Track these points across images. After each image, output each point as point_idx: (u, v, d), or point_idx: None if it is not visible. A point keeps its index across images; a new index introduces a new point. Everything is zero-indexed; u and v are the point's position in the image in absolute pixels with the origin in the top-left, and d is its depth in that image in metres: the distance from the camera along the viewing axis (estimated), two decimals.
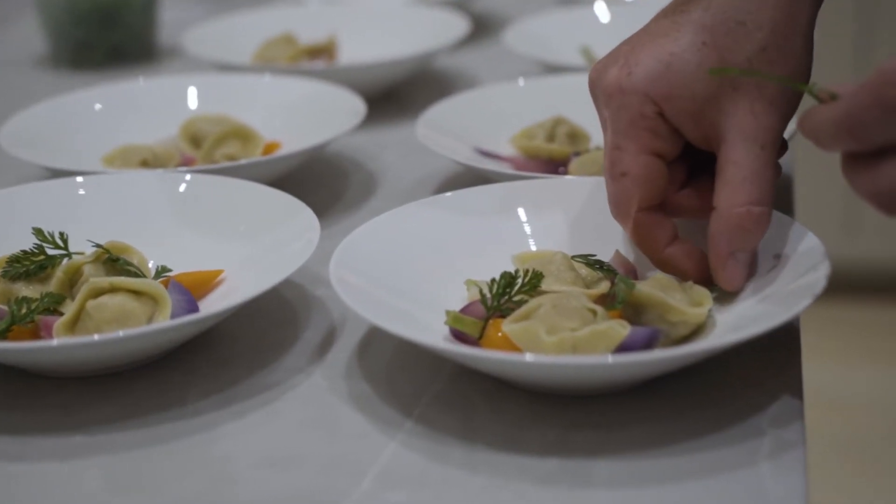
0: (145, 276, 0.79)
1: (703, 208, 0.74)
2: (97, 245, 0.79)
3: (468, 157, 0.98)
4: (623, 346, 0.68)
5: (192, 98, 1.13)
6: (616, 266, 0.77)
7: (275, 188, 0.86)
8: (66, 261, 0.79)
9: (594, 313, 0.70)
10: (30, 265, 0.78)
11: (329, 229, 0.90)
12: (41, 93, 1.18)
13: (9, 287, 0.78)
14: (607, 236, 0.79)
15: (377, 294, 0.74)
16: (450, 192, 0.84)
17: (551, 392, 0.70)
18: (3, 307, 0.76)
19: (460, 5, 1.48)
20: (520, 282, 0.73)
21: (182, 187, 0.89)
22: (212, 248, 0.84)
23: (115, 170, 0.98)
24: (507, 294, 0.73)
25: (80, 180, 0.90)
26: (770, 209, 0.71)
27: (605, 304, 0.72)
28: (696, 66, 0.71)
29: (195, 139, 1.04)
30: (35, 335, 0.75)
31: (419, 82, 1.28)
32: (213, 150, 1.01)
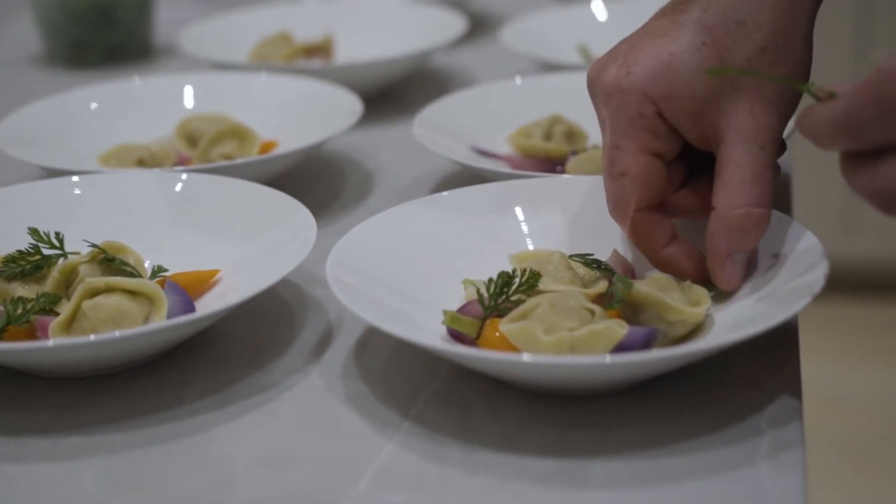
0: (141, 276, 0.79)
1: (702, 208, 0.74)
2: (93, 245, 0.79)
3: (465, 156, 0.98)
4: (621, 345, 0.68)
5: (189, 97, 1.13)
6: (614, 265, 0.77)
7: (271, 187, 0.86)
8: (61, 261, 0.79)
9: (592, 313, 0.69)
10: (25, 265, 0.78)
11: (326, 229, 0.89)
12: (37, 92, 1.18)
13: (4, 287, 0.78)
14: (605, 235, 0.79)
15: (374, 294, 0.73)
16: (447, 192, 0.84)
17: (549, 392, 0.70)
18: None
19: (457, 4, 1.48)
20: (517, 281, 0.73)
21: (178, 187, 0.89)
22: (208, 247, 0.84)
23: (111, 169, 0.98)
24: (505, 294, 0.73)
25: (75, 180, 0.90)
26: (769, 211, 0.71)
27: (602, 304, 0.72)
28: (695, 66, 0.71)
29: (191, 138, 1.04)
30: (31, 335, 0.75)
31: (416, 81, 1.27)
32: (209, 150, 1.01)
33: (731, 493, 0.62)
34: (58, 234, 0.80)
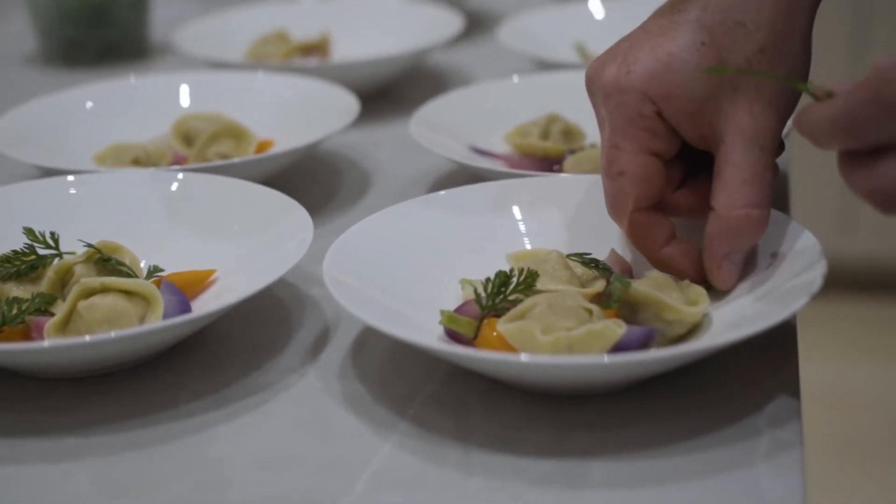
0: (137, 276, 0.79)
1: (701, 208, 0.74)
2: (88, 245, 0.79)
3: (462, 154, 0.97)
4: (619, 345, 0.67)
5: (185, 96, 1.13)
6: (612, 265, 0.77)
7: (268, 187, 0.86)
8: (57, 261, 0.79)
9: (590, 312, 0.69)
10: (20, 265, 0.78)
11: (322, 228, 0.89)
12: (32, 91, 1.18)
13: None
14: (603, 235, 0.79)
15: (371, 293, 0.73)
16: (444, 191, 0.84)
17: (547, 392, 0.69)
18: None
19: (454, 2, 1.48)
20: (515, 281, 0.73)
21: (174, 186, 0.88)
22: (204, 247, 0.83)
23: (107, 168, 0.97)
24: (502, 293, 0.72)
25: (71, 179, 0.89)
26: (768, 211, 0.71)
27: (600, 304, 0.72)
28: (694, 66, 0.71)
29: (187, 137, 1.04)
30: (26, 336, 0.75)
31: (413, 79, 1.27)
32: (205, 149, 1.01)
33: (730, 492, 0.61)
34: (53, 233, 0.80)
